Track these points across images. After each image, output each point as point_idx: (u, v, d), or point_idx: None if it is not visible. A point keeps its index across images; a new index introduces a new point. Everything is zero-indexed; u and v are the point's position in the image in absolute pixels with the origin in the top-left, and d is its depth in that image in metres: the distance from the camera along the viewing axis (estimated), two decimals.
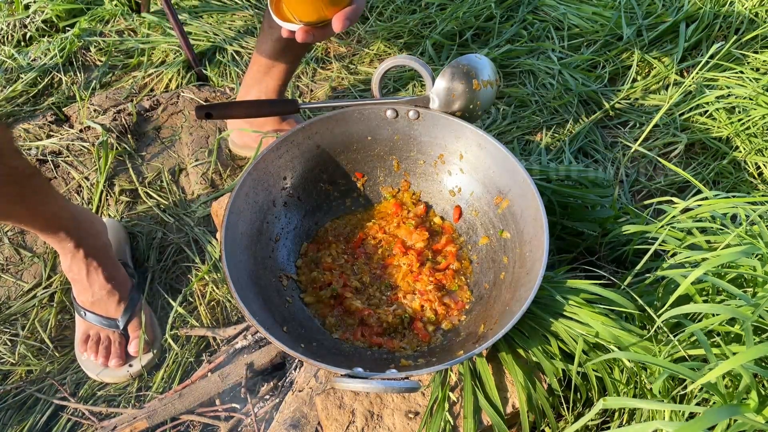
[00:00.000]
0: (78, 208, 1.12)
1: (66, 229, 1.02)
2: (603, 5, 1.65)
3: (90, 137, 1.41)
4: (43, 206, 0.97)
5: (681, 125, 1.40)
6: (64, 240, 1.03)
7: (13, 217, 0.98)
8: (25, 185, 0.91)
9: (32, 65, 1.56)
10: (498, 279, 0.94)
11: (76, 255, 1.05)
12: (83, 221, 1.07)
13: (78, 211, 1.08)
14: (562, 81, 1.49)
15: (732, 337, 0.76)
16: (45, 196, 0.97)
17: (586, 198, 1.06)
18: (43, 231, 1.02)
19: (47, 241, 1.06)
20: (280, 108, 1.08)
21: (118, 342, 1.09)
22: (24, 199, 0.92)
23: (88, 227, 1.08)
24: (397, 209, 1.06)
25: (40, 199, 0.96)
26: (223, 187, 1.34)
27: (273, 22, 1.14)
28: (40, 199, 0.96)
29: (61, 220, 1.01)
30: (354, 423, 0.86)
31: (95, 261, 1.07)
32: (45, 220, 1.00)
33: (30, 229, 1.02)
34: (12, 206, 0.92)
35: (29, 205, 0.95)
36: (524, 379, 0.85)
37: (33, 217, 0.98)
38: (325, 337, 0.92)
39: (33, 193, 0.94)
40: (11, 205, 0.92)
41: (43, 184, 0.97)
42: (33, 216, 0.98)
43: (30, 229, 1.02)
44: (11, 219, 0.99)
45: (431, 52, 1.56)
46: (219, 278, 1.19)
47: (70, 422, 1.05)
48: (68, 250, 1.05)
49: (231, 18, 1.66)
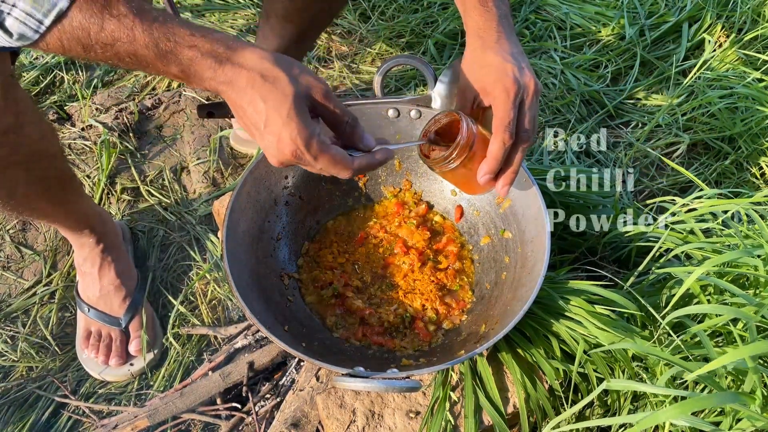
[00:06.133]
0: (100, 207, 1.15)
1: (91, 226, 1.05)
2: (605, 5, 1.64)
3: (92, 136, 1.41)
4: (77, 206, 1.00)
5: (683, 125, 1.40)
6: (86, 236, 1.05)
7: (52, 217, 0.99)
8: (67, 187, 0.92)
9: (34, 63, 1.56)
10: (499, 279, 0.94)
11: (95, 249, 1.07)
12: (106, 218, 1.10)
13: (101, 210, 1.11)
14: (564, 81, 1.49)
15: (734, 339, 0.76)
16: (80, 196, 0.99)
17: (588, 198, 1.06)
18: (71, 229, 1.04)
19: (67, 237, 1.08)
20: None
21: (119, 340, 1.09)
22: (66, 200, 0.95)
23: (109, 225, 1.11)
24: (398, 209, 1.06)
25: (76, 200, 0.98)
26: (225, 185, 1.34)
27: (268, 33, 1.13)
28: (76, 200, 0.98)
29: (88, 218, 1.04)
30: (355, 422, 0.86)
31: (110, 256, 1.09)
32: (75, 219, 1.02)
33: (59, 226, 1.04)
34: (56, 207, 0.95)
35: (67, 206, 0.98)
36: (524, 379, 0.85)
37: (66, 217, 1.01)
38: (326, 336, 0.92)
39: (72, 194, 0.96)
40: (56, 206, 0.95)
41: (78, 184, 0.99)
42: (67, 215, 1.00)
43: (59, 226, 1.04)
44: (50, 218, 1.00)
45: (433, 52, 1.56)
46: (220, 277, 1.19)
47: (71, 420, 1.05)
48: (88, 244, 1.07)
49: (233, 17, 1.66)
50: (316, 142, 0.61)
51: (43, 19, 0.53)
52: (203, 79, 0.59)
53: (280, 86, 0.59)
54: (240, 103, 0.61)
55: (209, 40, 0.58)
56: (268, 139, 0.61)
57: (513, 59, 0.74)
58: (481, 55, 0.75)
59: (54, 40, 0.55)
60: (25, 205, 0.89)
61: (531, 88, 0.73)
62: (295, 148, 0.61)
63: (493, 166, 0.75)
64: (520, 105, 0.73)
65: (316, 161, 0.63)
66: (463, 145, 0.74)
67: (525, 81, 0.73)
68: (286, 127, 0.60)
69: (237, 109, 0.62)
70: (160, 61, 0.57)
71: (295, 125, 0.60)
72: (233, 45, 0.59)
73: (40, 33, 0.54)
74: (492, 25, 0.76)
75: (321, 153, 0.62)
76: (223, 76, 0.59)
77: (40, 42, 0.55)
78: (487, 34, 0.76)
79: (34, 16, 0.53)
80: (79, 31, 0.55)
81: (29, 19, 0.53)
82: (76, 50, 0.56)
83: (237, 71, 0.59)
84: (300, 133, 0.60)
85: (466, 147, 0.74)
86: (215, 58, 0.58)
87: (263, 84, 0.59)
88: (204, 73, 0.59)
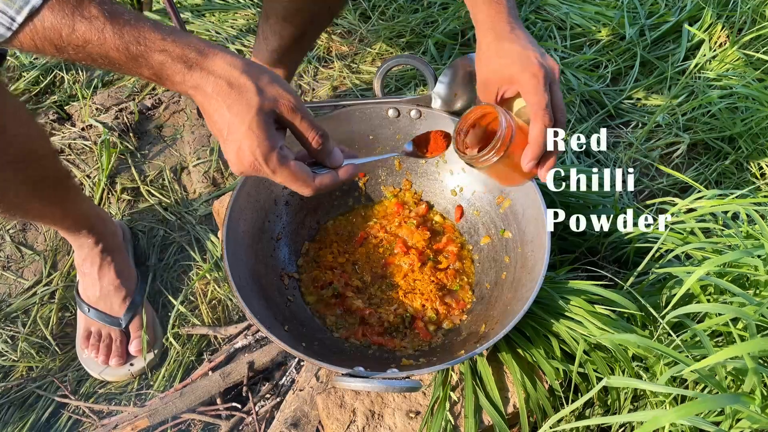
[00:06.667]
0: (99, 208, 1.15)
1: (89, 227, 1.05)
2: (606, 5, 1.64)
3: (92, 135, 1.41)
4: (74, 206, 1.00)
5: (684, 125, 1.39)
6: (84, 236, 1.06)
7: (48, 218, 1.00)
8: (60, 188, 0.93)
9: (34, 63, 1.56)
10: (499, 279, 0.94)
11: (94, 249, 1.08)
12: (105, 219, 1.10)
13: (100, 211, 1.12)
14: (564, 81, 1.49)
15: (734, 339, 0.76)
16: (76, 196, 0.99)
17: (588, 198, 1.06)
18: (69, 229, 1.05)
19: (66, 238, 1.08)
20: None
21: (119, 340, 1.09)
22: (60, 200, 0.95)
23: (108, 225, 1.11)
24: (398, 208, 1.06)
25: (72, 200, 0.98)
26: (225, 185, 1.34)
27: (267, 33, 1.13)
28: (72, 200, 0.98)
29: (86, 219, 1.04)
30: (355, 422, 0.86)
31: (109, 257, 1.09)
32: (73, 220, 1.03)
33: (57, 227, 1.05)
34: (50, 208, 0.96)
35: (64, 206, 0.98)
36: (524, 379, 0.85)
37: (64, 217, 1.01)
38: (326, 336, 0.92)
39: (67, 195, 0.96)
40: (50, 207, 0.95)
41: (75, 185, 0.99)
42: (63, 216, 1.01)
43: (57, 227, 1.05)
44: (45, 220, 1.01)
45: (433, 52, 1.56)
46: (220, 277, 1.19)
47: (71, 420, 1.05)
48: (86, 245, 1.07)
49: (233, 16, 1.66)
50: (276, 155, 0.61)
51: (15, 16, 0.54)
52: (174, 83, 0.60)
53: (246, 96, 0.59)
54: (207, 108, 0.61)
55: (180, 44, 0.58)
56: (230, 148, 0.61)
57: (532, 46, 0.75)
58: (497, 47, 0.76)
59: (27, 39, 0.56)
60: (18, 206, 0.90)
61: (556, 70, 0.75)
62: (254, 159, 0.61)
63: (536, 152, 0.75)
64: (551, 88, 0.74)
65: (274, 174, 0.63)
66: (504, 137, 0.74)
67: (550, 64, 0.74)
68: (247, 138, 0.60)
69: (205, 114, 0.62)
70: (131, 63, 0.58)
71: (255, 137, 0.60)
72: (205, 50, 0.59)
73: (13, 30, 0.55)
74: (503, 17, 0.77)
75: (280, 167, 0.62)
76: (192, 81, 0.59)
77: (13, 40, 0.56)
78: (500, 26, 0.76)
79: (7, 12, 0.54)
80: (50, 32, 0.55)
81: (2, 16, 0.54)
82: (49, 50, 0.57)
83: (205, 77, 0.59)
84: (260, 145, 0.60)
85: (507, 138, 0.75)
86: (185, 63, 0.58)
87: (229, 92, 0.59)
88: (174, 77, 0.59)
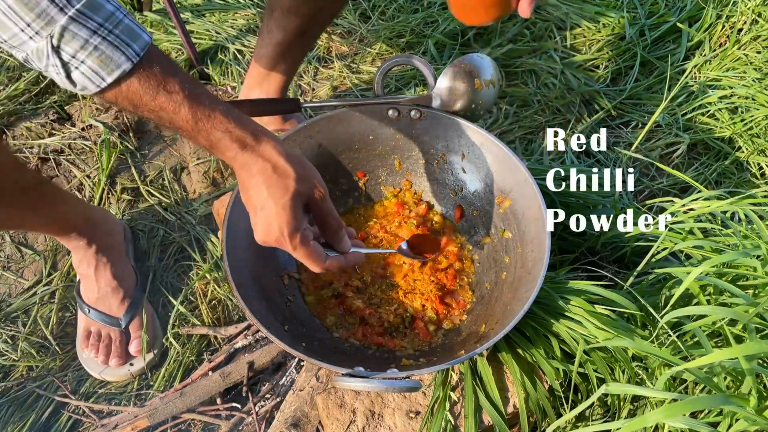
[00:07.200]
0: (94, 208, 1.15)
1: (78, 229, 1.05)
2: (606, 5, 1.64)
3: (92, 135, 1.41)
4: (54, 212, 1.00)
5: (684, 125, 1.40)
6: (75, 239, 1.06)
7: (27, 225, 1.04)
8: (31, 195, 0.93)
9: None
10: (499, 279, 0.94)
11: (88, 251, 1.08)
12: (97, 220, 1.10)
13: (93, 211, 1.11)
14: (564, 81, 1.49)
15: (735, 339, 0.76)
16: (53, 202, 0.99)
17: (588, 198, 1.06)
18: (58, 234, 1.06)
19: (60, 241, 1.09)
20: (282, 107, 1.08)
21: (119, 341, 1.09)
22: (34, 208, 0.95)
23: (102, 226, 1.10)
24: (398, 209, 1.06)
25: (50, 205, 0.98)
26: (225, 185, 1.34)
27: (272, 26, 1.14)
28: (50, 205, 0.98)
29: (72, 222, 1.04)
30: (355, 422, 0.86)
31: (105, 257, 1.09)
32: (57, 225, 1.03)
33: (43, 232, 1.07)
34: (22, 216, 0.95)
35: (40, 213, 0.98)
36: (524, 379, 0.85)
37: (46, 224, 1.02)
38: (326, 336, 0.92)
39: (41, 201, 0.96)
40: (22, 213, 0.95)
41: (50, 191, 0.99)
42: (46, 222, 1.02)
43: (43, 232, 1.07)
44: (25, 227, 1.04)
45: (433, 52, 1.56)
46: (220, 277, 1.19)
47: (71, 420, 1.05)
48: (80, 247, 1.08)
49: (233, 16, 1.66)
50: (300, 236, 0.70)
51: (106, 77, 0.59)
52: (225, 156, 0.68)
53: (285, 181, 0.68)
54: (247, 184, 0.69)
55: (241, 128, 0.66)
56: (260, 221, 0.70)
57: None
58: None
59: (110, 96, 0.62)
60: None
61: None
62: (280, 235, 0.70)
63: None
64: None
65: (294, 250, 0.72)
66: None
67: None
68: (278, 216, 0.68)
69: (243, 188, 0.70)
70: (194, 132, 0.65)
71: (285, 216, 0.68)
72: (259, 136, 0.68)
73: (101, 88, 0.60)
74: None
75: (300, 246, 0.71)
76: (242, 160, 0.67)
77: (97, 95, 0.61)
78: None
79: (99, 73, 0.59)
80: (133, 95, 0.62)
81: (94, 75, 0.59)
82: (127, 107, 0.63)
83: (254, 159, 0.67)
84: (288, 224, 0.69)
85: None
86: (241, 143, 0.66)
87: (272, 175, 0.67)
88: (227, 152, 0.67)
